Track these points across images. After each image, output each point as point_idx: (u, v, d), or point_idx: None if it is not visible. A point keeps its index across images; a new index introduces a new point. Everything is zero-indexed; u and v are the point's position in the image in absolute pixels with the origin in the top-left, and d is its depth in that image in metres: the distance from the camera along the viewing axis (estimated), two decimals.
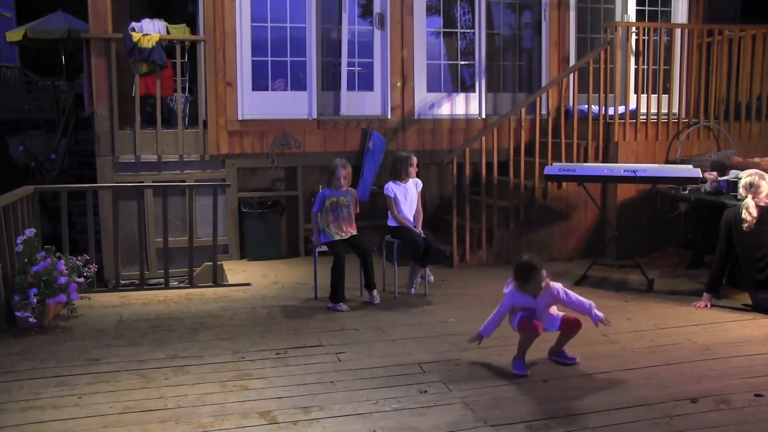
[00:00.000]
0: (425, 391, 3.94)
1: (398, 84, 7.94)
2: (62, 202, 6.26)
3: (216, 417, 3.61)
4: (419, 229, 5.97)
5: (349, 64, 7.90)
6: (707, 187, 6.47)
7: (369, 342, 4.82)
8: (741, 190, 5.49)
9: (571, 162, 7.22)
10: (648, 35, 7.51)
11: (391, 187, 6.04)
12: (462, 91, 8.35)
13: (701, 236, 6.93)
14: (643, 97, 7.50)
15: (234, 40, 7.47)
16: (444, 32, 8.31)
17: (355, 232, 5.86)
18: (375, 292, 5.83)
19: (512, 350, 4.60)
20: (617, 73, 7.36)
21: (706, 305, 5.58)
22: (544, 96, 7.80)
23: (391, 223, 6.10)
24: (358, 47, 7.96)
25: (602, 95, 7.31)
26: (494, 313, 4.36)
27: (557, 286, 4.31)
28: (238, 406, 3.74)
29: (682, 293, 6.04)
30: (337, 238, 5.74)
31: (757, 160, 6.79)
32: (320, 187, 6.21)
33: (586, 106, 7.56)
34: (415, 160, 6.12)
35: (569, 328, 4.35)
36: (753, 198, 5.38)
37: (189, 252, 6.53)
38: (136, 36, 7.15)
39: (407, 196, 6.06)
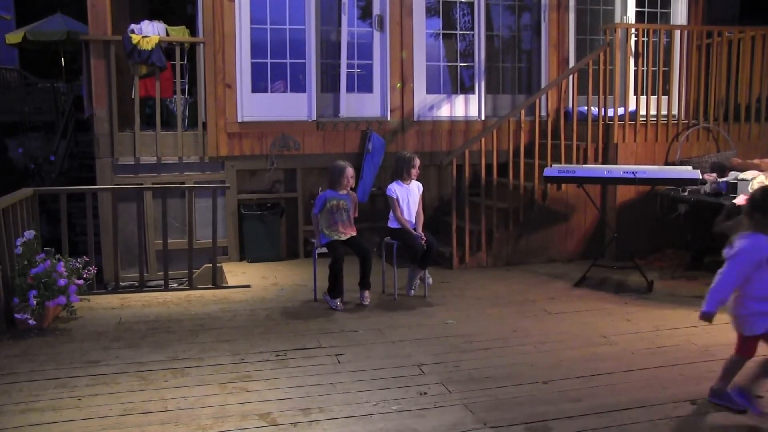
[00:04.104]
0: (425, 393, 3.94)
1: (398, 86, 7.94)
2: (62, 204, 6.26)
3: (215, 419, 3.61)
4: (419, 232, 5.97)
5: (349, 66, 7.90)
6: (707, 188, 6.47)
7: (368, 344, 4.81)
8: None
9: (571, 163, 7.22)
10: (647, 37, 7.52)
11: (394, 188, 6.04)
12: (461, 92, 8.35)
13: (701, 238, 6.93)
14: (643, 98, 7.50)
15: (233, 42, 7.47)
16: (443, 34, 8.32)
17: (354, 234, 5.86)
18: (367, 293, 5.80)
19: (512, 351, 4.63)
20: (617, 75, 7.36)
21: None
22: (543, 97, 7.80)
23: (391, 224, 6.10)
24: (358, 49, 7.96)
25: (602, 97, 7.31)
26: (722, 279, 3.59)
27: None
28: (238, 408, 3.74)
29: (681, 295, 6.04)
30: (336, 238, 5.75)
31: (756, 161, 6.80)
32: (320, 189, 6.21)
33: (586, 107, 7.55)
34: (418, 161, 6.12)
35: None
36: None
37: (188, 254, 6.53)
38: (135, 38, 7.15)
39: (410, 198, 6.06)
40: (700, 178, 6.18)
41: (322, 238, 5.80)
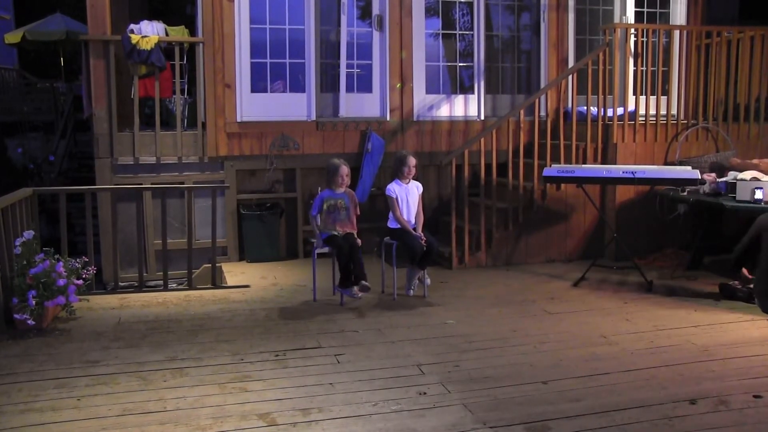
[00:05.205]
0: (424, 393, 3.94)
1: (397, 86, 7.94)
2: (61, 204, 6.26)
3: (215, 419, 3.61)
4: (419, 232, 5.97)
5: (348, 66, 7.90)
6: (706, 188, 6.47)
7: (368, 344, 4.81)
8: None
9: (570, 163, 7.22)
10: (647, 37, 7.53)
11: (393, 188, 6.04)
12: (461, 92, 8.35)
13: (700, 238, 6.93)
14: (642, 98, 7.50)
15: (233, 42, 7.47)
16: (443, 34, 8.32)
17: (351, 231, 5.86)
18: (363, 284, 5.63)
19: (512, 351, 4.63)
20: (616, 75, 7.36)
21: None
22: (542, 97, 7.80)
23: (391, 224, 6.09)
24: (357, 49, 7.96)
25: (601, 97, 7.31)
26: None
27: None
28: (237, 408, 3.74)
29: (681, 295, 6.05)
30: (334, 233, 5.79)
31: (755, 161, 6.80)
32: (319, 188, 6.21)
33: (585, 107, 7.56)
34: (413, 160, 6.10)
35: None
36: None
37: (188, 254, 6.52)
38: (134, 38, 7.15)
39: (409, 197, 6.06)
40: (700, 178, 6.19)
41: (321, 234, 5.83)
